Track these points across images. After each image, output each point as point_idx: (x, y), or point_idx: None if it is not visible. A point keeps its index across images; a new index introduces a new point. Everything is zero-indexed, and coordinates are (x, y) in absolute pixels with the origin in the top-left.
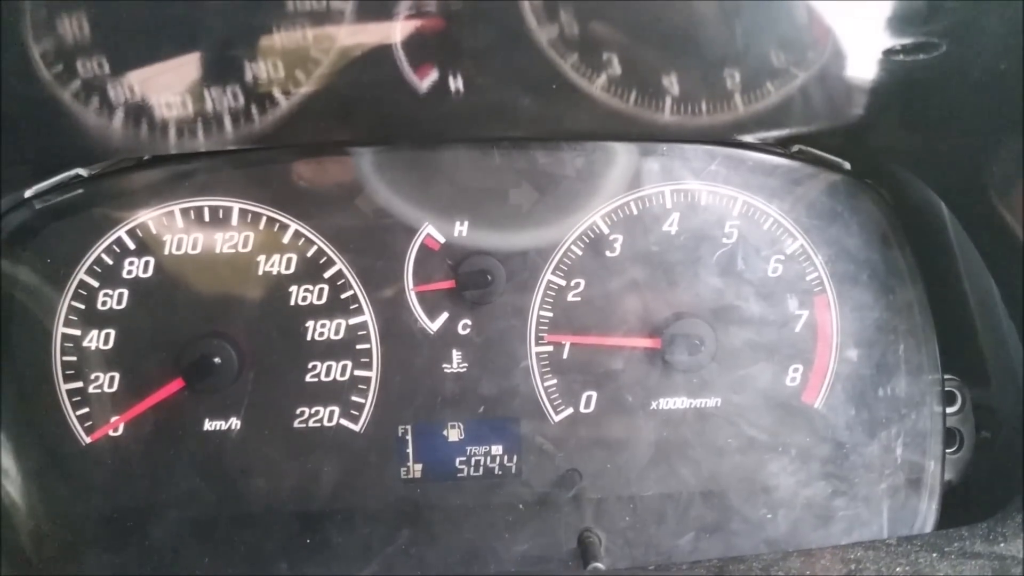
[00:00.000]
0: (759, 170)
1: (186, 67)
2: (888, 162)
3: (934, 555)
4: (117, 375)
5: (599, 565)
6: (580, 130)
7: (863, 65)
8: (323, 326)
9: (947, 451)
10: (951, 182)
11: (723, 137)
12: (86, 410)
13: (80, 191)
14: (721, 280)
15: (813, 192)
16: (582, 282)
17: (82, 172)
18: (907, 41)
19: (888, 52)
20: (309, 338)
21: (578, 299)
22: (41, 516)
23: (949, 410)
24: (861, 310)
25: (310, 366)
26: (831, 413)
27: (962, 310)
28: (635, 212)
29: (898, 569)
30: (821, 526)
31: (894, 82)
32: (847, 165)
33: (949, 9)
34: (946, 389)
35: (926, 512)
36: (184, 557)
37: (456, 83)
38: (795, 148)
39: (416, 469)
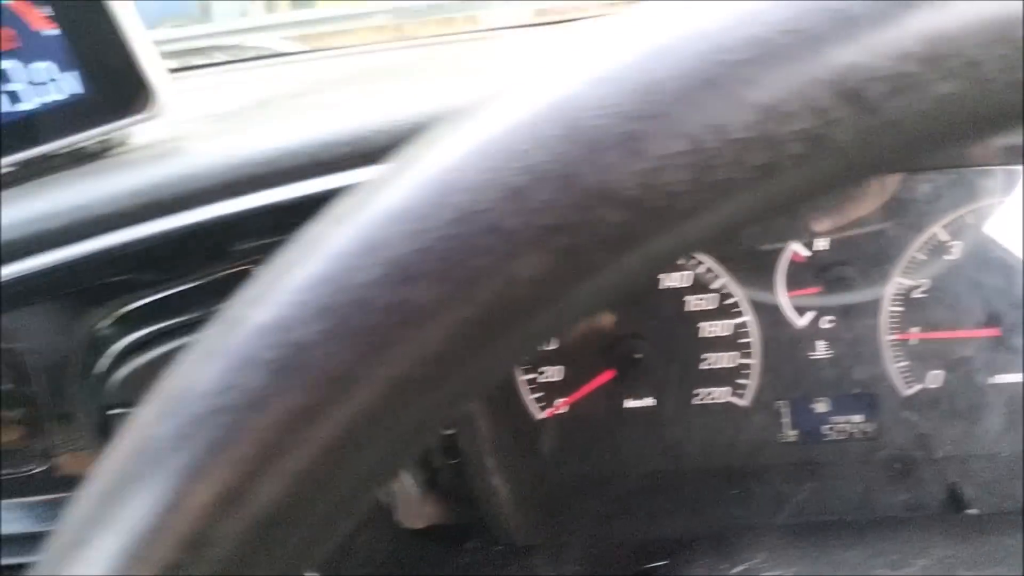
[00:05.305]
0: None
1: None
2: None
3: None
4: (562, 367)
5: (973, 511)
6: (931, 163)
7: None
8: (713, 326)
9: None
10: None
11: None
12: (541, 394)
13: None
14: None
15: None
16: (927, 282)
17: None
18: None
19: None
20: (701, 335)
21: (924, 296)
22: (514, 481)
23: None
24: None
25: (703, 357)
26: None
27: None
28: (971, 222)
29: None
30: None
31: None
32: None
33: None
34: None
35: None
36: (638, 507)
37: None
38: None
39: (791, 435)
